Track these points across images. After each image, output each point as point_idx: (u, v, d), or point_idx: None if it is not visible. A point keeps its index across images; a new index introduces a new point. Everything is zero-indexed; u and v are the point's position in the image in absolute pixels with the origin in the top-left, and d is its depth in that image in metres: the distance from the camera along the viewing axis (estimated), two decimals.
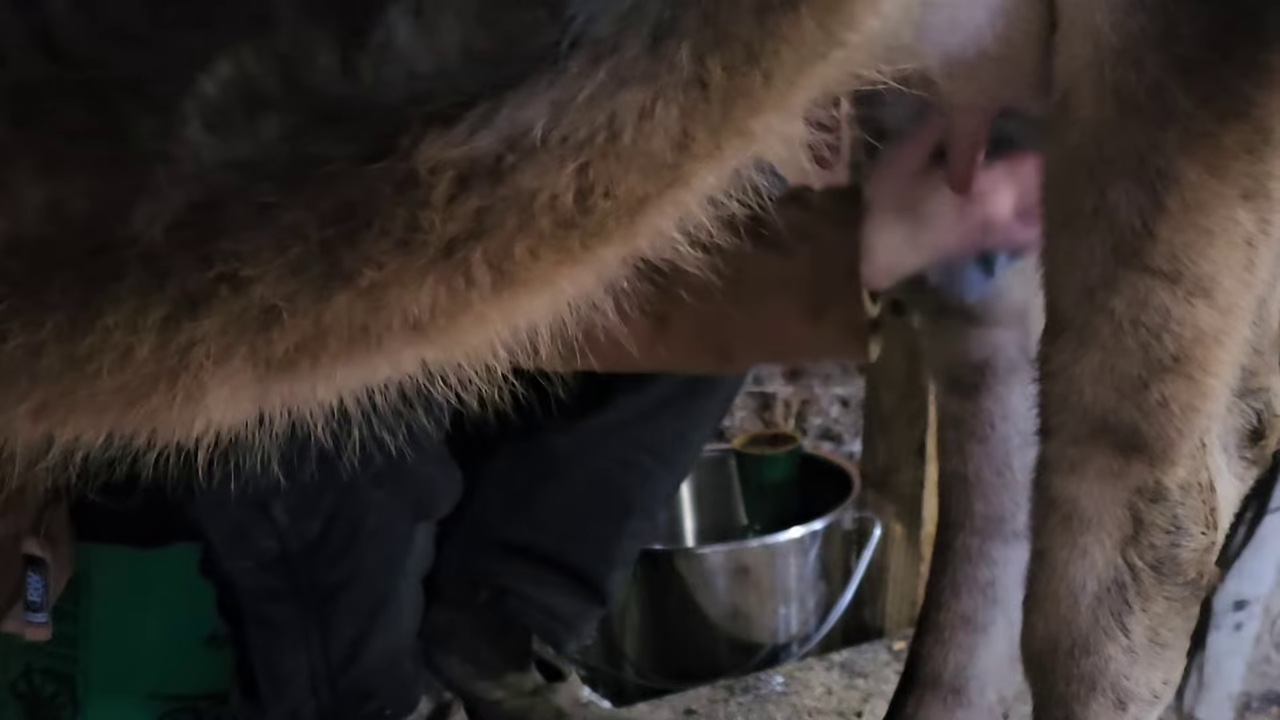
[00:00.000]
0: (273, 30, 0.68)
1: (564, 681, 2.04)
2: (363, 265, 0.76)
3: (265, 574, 1.72)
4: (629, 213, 0.82)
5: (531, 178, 0.76)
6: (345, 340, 0.81)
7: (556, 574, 2.03)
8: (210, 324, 0.76)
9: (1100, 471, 1.20)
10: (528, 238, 0.80)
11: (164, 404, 0.80)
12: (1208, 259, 1.12)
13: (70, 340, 0.75)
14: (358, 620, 1.77)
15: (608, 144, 0.77)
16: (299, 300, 0.76)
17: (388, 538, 1.76)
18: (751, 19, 0.77)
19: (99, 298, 0.74)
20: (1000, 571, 1.64)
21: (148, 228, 0.71)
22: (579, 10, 0.73)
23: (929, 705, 1.67)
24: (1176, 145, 1.09)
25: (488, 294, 0.82)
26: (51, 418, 0.80)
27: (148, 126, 0.69)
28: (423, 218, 0.75)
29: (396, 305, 0.80)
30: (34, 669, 2.02)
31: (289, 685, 1.78)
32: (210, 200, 0.71)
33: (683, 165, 0.82)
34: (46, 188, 0.70)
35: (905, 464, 2.37)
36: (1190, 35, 1.06)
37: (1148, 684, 1.26)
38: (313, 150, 0.72)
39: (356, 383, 0.91)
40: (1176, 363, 1.15)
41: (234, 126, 0.70)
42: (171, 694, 2.02)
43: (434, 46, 0.71)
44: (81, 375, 0.77)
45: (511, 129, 0.74)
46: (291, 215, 0.73)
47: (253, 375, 0.80)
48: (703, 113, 0.79)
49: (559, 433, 1.97)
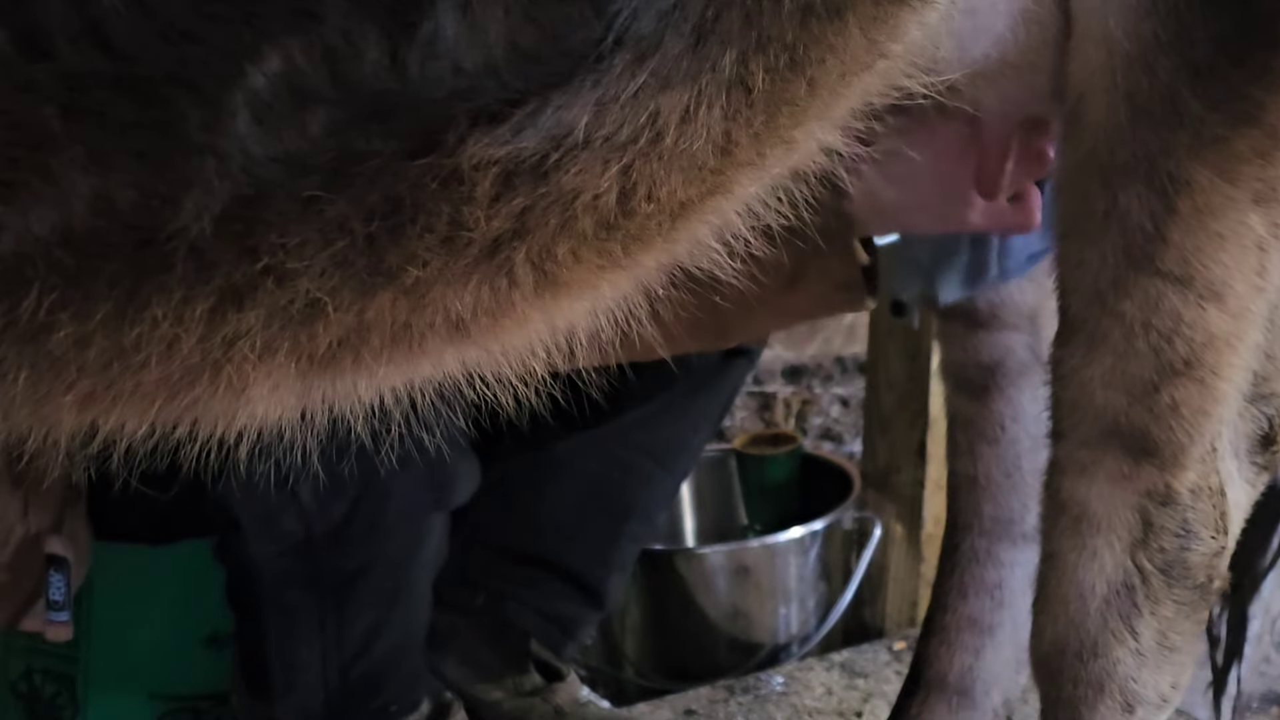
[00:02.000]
0: (320, 24, 0.69)
1: (563, 681, 2.04)
2: (407, 262, 0.76)
3: (287, 559, 1.72)
4: (670, 217, 0.82)
5: (574, 177, 0.76)
6: (388, 337, 0.81)
7: (555, 578, 2.03)
8: (255, 316, 0.76)
9: (1111, 475, 1.20)
10: (570, 239, 0.80)
11: (207, 395, 0.81)
12: (1219, 263, 1.12)
13: (118, 331, 0.75)
14: (373, 610, 1.78)
15: (650, 145, 0.77)
16: (342, 295, 0.77)
17: (408, 525, 1.77)
18: (795, 23, 0.77)
19: (147, 288, 0.74)
20: (1008, 573, 1.64)
21: (196, 220, 0.71)
22: (623, 6, 0.74)
23: (934, 707, 1.67)
24: (1188, 150, 1.09)
25: (530, 295, 0.82)
26: (96, 407, 0.80)
27: (196, 119, 0.69)
28: (467, 215, 0.75)
29: (439, 303, 0.80)
30: (34, 669, 2.01)
31: (301, 675, 1.78)
32: (257, 194, 0.71)
33: (725, 171, 0.82)
34: (96, 179, 0.70)
35: (905, 464, 2.38)
36: (1202, 40, 1.07)
37: (1156, 687, 1.26)
38: (359, 145, 0.72)
39: (398, 380, 0.91)
40: (1188, 367, 1.15)
41: (282, 120, 0.70)
42: (172, 694, 2.02)
43: (481, 41, 0.71)
44: (128, 366, 0.77)
45: (556, 128, 0.74)
46: (336, 209, 0.73)
47: (295, 370, 0.80)
48: (745, 117, 0.79)
49: (559, 437, 1.97)
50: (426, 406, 0.94)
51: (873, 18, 0.80)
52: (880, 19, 0.81)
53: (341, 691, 1.79)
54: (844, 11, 0.78)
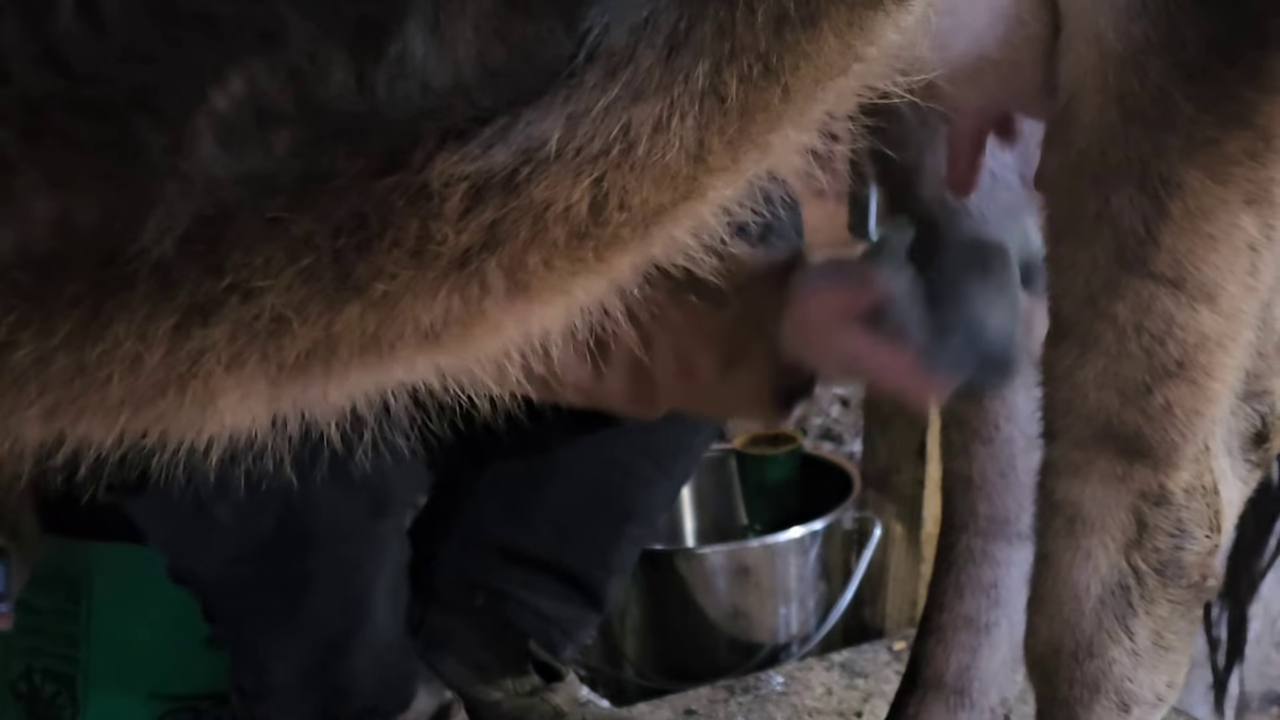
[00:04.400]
0: (285, 45, 0.68)
1: (562, 681, 2.04)
2: (375, 276, 0.76)
3: (236, 568, 1.70)
4: (644, 223, 0.82)
5: (545, 189, 0.76)
6: (357, 348, 0.81)
7: (554, 579, 2.02)
8: (220, 332, 0.76)
9: (1104, 475, 1.20)
10: (541, 249, 0.79)
11: (174, 408, 0.80)
12: (1210, 264, 1.12)
13: (80, 349, 0.74)
14: (334, 617, 1.76)
15: (622, 156, 0.77)
16: (310, 309, 0.76)
17: (347, 536, 1.74)
18: (769, 32, 0.76)
19: (110, 307, 0.73)
20: (1004, 573, 1.64)
21: (158, 241, 0.71)
22: (594, 22, 0.73)
23: (931, 707, 1.67)
24: (1179, 151, 1.09)
25: (502, 302, 0.82)
26: (62, 419, 0.80)
27: (158, 141, 0.69)
28: (435, 230, 0.75)
29: (409, 314, 0.80)
30: (34, 669, 2.02)
31: (275, 678, 1.77)
32: (221, 214, 0.71)
33: (698, 178, 0.82)
34: (56, 200, 0.69)
35: (905, 464, 2.37)
36: (1192, 41, 1.07)
37: (1151, 687, 1.26)
38: (324, 165, 0.71)
39: (369, 386, 0.90)
40: (1180, 368, 1.15)
41: (245, 142, 0.70)
42: (171, 694, 2.02)
43: (449, 60, 0.71)
44: (92, 381, 0.76)
45: (527, 143, 0.74)
46: (302, 227, 0.72)
47: (265, 381, 0.80)
48: (719, 125, 0.79)
49: (558, 438, 1.97)
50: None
51: (848, 23, 0.80)
52: (855, 24, 0.81)
53: (320, 693, 1.78)
54: (818, 19, 0.78)
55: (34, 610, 1.99)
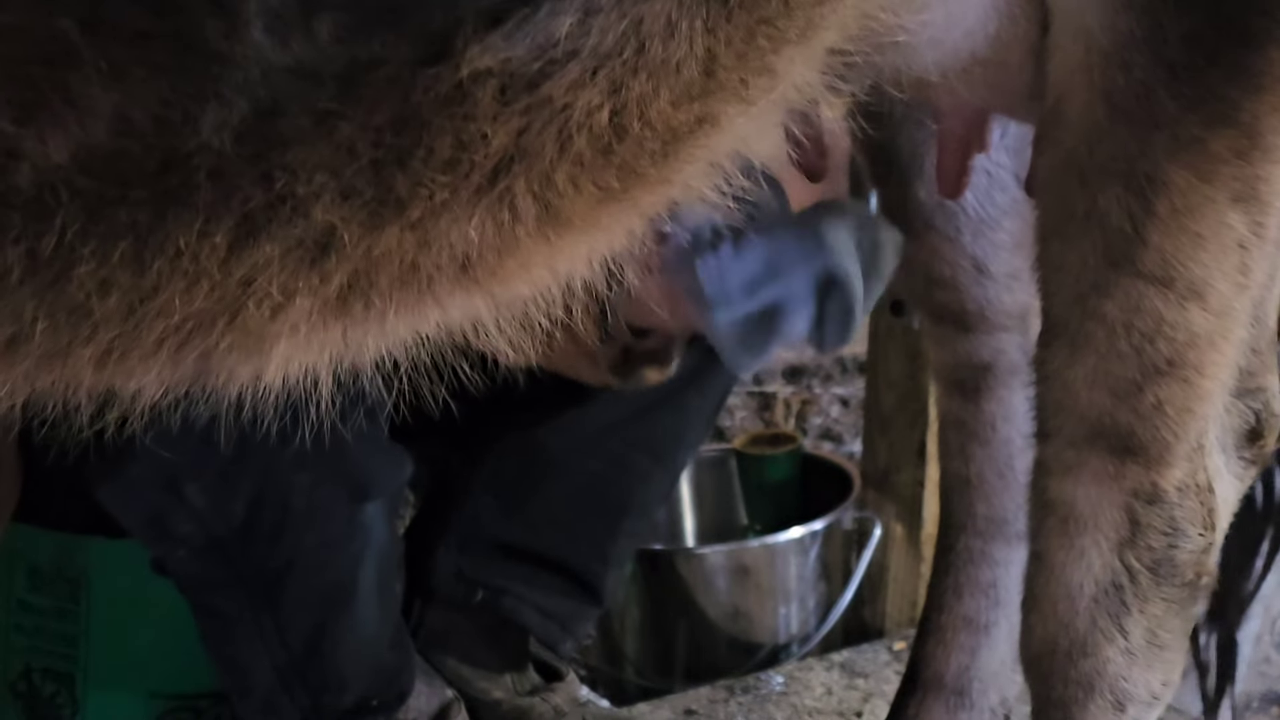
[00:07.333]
0: None
1: (562, 681, 2.04)
2: (413, 189, 0.77)
3: (203, 562, 1.68)
4: (662, 144, 0.83)
5: (564, 89, 0.77)
6: (396, 278, 0.82)
7: (552, 574, 2.02)
8: (271, 249, 0.76)
9: (1096, 474, 1.20)
10: (567, 163, 0.80)
11: (226, 345, 0.81)
12: (1199, 263, 1.12)
13: (139, 269, 0.75)
14: (314, 609, 1.74)
15: (635, 55, 0.78)
16: (352, 226, 0.77)
17: (324, 520, 1.70)
18: None
19: (169, 217, 0.74)
20: (1002, 573, 1.64)
21: (216, 134, 0.71)
22: None
23: (931, 707, 1.67)
24: (1165, 150, 1.09)
25: (532, 229, 0.83)
26: (114, 364, 0.80)
27: (213, 28, 0.69)
28: (468, 132, 0.76)
29: (445, 239, 0.81)
30: (34, 668, 2.02)
31: (251, 678, 1.75)
32: (273, 108, 0.72)
33: (712, 94, 0.83)
34: (116, 95, 0.69)
35: (905, 464, 2.37)
36: (1175, 37, 1.05)
37: (1146, 685, 1.26)
38: (369, 53, 0.72)
39: (407, 331, 0.91)
40: (1171, 366, 1.15)
41: (291, 27, 0.70)
42: (171, 693, 2.02)
43: None
44: (148, 313, 0.77)
45: (545, 37, 0.75)
46: (345, 131, 0.73)
47: (311, 317, 0.81)
48: (725, 33, 0.80)
49: (554, 432, 1.97)
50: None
51: None
52: None
53: (303, 691, 1.76)
54: None
55: (33, 609, 1.99)
